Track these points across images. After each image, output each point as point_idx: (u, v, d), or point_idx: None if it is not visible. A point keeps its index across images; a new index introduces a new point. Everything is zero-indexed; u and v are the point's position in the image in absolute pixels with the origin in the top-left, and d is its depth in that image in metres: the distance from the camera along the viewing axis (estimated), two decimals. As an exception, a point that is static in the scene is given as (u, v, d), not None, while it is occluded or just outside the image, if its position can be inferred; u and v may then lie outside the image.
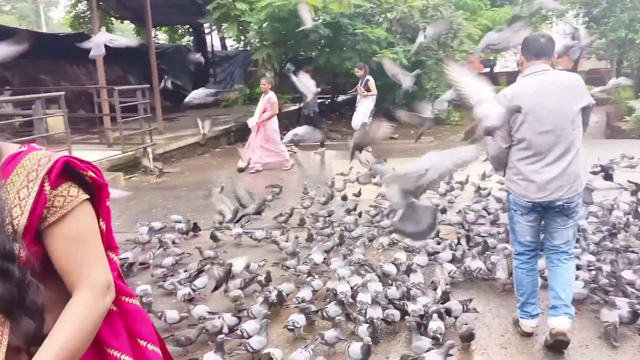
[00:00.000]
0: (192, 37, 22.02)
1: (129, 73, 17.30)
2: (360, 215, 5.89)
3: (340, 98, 19.41)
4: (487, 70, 26.57)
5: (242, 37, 14.49)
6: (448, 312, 3.51)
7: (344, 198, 6.66)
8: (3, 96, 11.48)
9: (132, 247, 5.11)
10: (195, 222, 5.78)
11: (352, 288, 3.92)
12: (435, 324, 3.32)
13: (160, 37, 24.74)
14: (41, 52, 14.92)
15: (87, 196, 1.24)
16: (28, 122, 8.51)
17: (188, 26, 21.59)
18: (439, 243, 4.89)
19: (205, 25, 18.04)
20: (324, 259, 4.65)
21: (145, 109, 9.90)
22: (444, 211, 5.84)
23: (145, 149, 9.59)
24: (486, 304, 4.00)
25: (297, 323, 3.47)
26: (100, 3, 17.09)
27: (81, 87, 14.46)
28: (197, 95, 8.34)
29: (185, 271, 4.43)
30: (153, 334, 1.34)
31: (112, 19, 19.88)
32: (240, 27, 12.74)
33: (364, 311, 3.56)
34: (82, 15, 19.38)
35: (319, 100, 18.36)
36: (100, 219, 1.29)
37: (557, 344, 3.24)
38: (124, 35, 23.54)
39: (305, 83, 6.96)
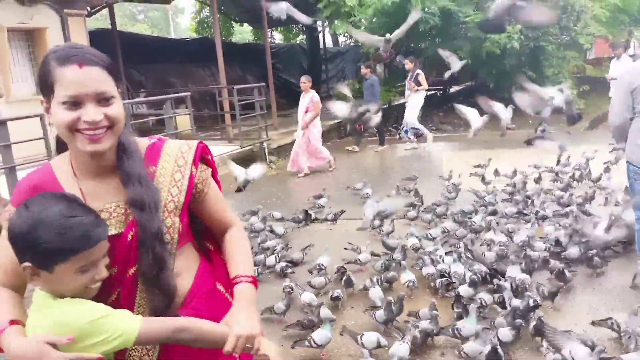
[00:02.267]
0: (305, 36, 22.68)
1: (247, 72, 18.29)
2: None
3: (453, 89, 18.96)
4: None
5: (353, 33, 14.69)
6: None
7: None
8: (138, 98, 12.73)
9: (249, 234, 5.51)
10: (307, 211, 6.09)
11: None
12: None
13: (276, 37, 25.80)
14: (171, 57, 16.34)
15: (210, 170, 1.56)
16: (159, 120, 9.40)
17: (302, 25, 22.25)
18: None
19: (318, 23, 18.51)
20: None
21: (262, 106, 10.45)
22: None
23: (262, 144, 10.16)
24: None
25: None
26: (222, 8, 18.26)
27: (205, 87, 15.55)
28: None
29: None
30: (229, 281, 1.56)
31: (232, 22, 21.13)
32: (351, 23, 12.92)
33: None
34: (205, 20, 20.81)
35: (430, 92, 18.22)
36: None
37: None
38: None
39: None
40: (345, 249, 4.87)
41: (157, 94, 12.10)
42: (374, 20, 12.26)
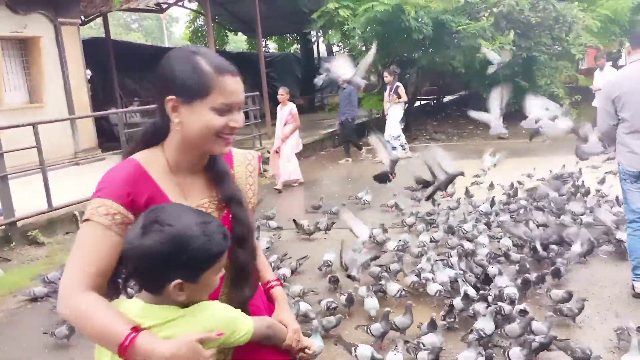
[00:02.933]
0: (299, 45, 22.77)
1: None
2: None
3: (447, 98, 19.07)
4: (610, 63, 24.62)
5: (347, 42, 14.76)
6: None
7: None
8: (132, 106, 12.72)
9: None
10: (294, 220, 6.06)
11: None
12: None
13: (271, 46, 25.89)
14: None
15: None
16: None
17: (296, 35, 22.37)
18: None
19: (312, 32, 18.61)
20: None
21: (255, 115, 10.45)
22: None
23: (256, 153, 10.15)
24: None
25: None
26: (216, 18, 18.29)
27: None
28: None
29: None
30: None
31: (226, 31, 21.17)
32: (345, 32, 12.98)
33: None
34: (199, 29, 20.83)
35: (424, 101, 18.29)
36: None
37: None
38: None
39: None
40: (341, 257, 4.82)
41: (150, 102, 12.09)
42: (367, 29, 12.31)
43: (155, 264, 1.19)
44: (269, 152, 9.16)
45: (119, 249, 1.26)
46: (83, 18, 11.93)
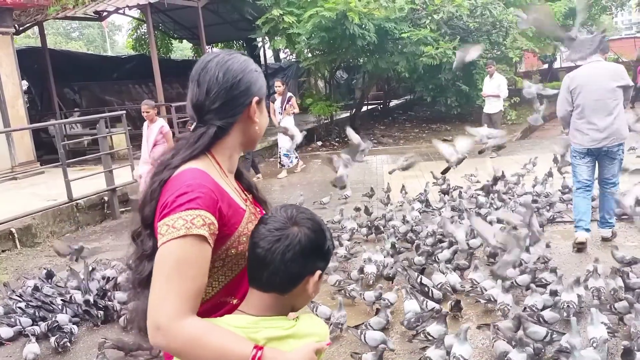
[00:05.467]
0: (246, 52, 22.67)
1: (187, 89, 18.01)
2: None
3: (393, 103, 19.41)
4: (546, 66, 25.75)
5: (293, 48, 14.79)
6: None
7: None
8: (72, 117, 12.31)
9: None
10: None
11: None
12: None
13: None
14: (107, 74, 15.91)
15: None
16: (95, 140, 9.11)
17: (242, 41, 22.25)
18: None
19: (258, 39, 18.55)
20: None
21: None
22: None
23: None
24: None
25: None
26: (160, 26, 17.98)
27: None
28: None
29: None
30: None
31: (171, 39, 20.82)
32: (290, 39, 13.01)
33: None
34: (143, 37, 20.40)
35: (371, 106, 18.55)
36: None
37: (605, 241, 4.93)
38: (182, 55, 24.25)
39: None
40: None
41: (92, 112, 11.74)
42: (312, 35, 12.39)
43: (305, 252, 1.19)
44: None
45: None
46: (17, 27, 11.47)
